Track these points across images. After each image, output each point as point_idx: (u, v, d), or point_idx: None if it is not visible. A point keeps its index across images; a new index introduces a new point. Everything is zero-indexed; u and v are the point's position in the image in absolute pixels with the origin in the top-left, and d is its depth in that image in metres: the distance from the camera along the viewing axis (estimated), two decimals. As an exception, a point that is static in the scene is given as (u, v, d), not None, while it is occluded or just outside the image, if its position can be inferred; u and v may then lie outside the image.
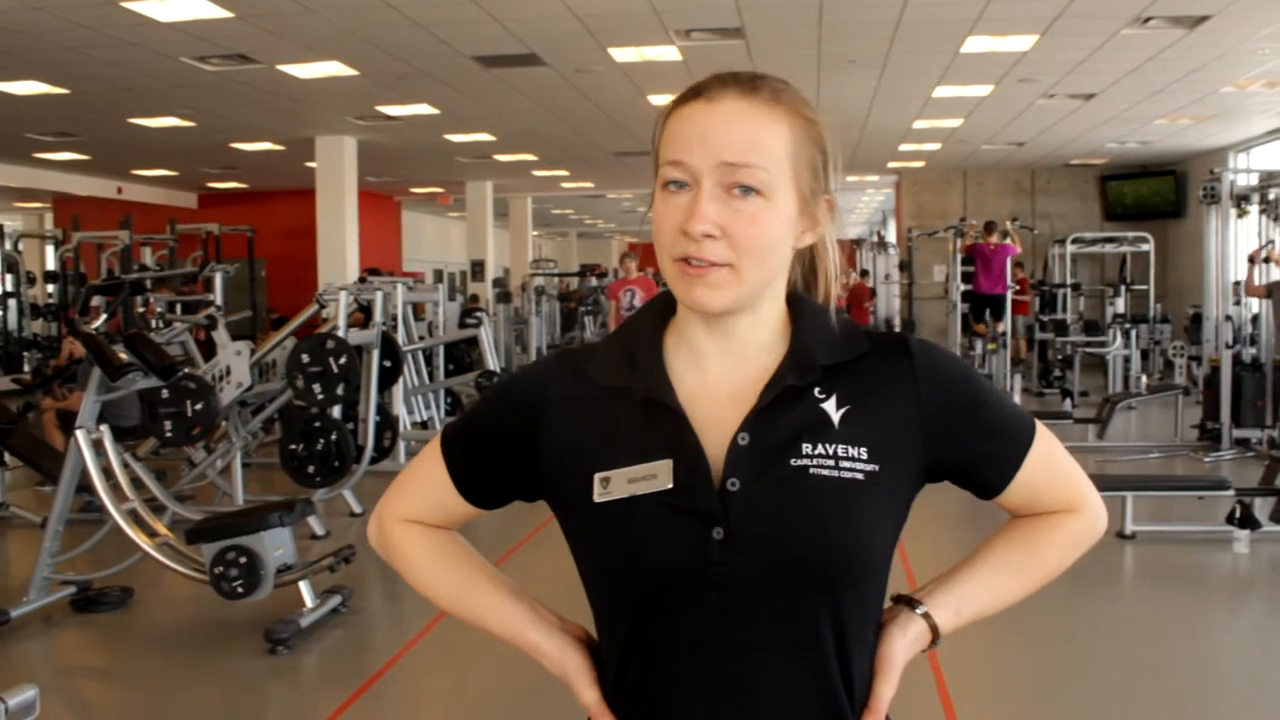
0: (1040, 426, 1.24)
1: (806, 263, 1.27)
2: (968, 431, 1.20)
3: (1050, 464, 1.24)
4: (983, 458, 1.22)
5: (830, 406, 1.15)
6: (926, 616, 1.21)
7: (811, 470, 1.12)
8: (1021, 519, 1.27)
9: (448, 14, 8.24)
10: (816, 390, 1.16)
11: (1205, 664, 4.66)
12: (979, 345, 13.85)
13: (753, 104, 1.13)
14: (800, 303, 1.22)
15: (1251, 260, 9.57)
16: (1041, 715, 4.10)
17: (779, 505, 1.11)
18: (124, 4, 7.68)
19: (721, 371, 1.18)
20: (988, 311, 13.89)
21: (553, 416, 1.21)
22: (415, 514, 1.32)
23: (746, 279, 1.13)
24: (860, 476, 1.12)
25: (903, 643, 1.20)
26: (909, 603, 1.23)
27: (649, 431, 1.15)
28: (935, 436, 1.17)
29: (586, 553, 1.19)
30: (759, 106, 1.13)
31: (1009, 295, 13.68)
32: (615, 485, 1.13)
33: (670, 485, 1.12)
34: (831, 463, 1.12)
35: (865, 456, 1.13)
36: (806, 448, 1.12)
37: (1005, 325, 13.82)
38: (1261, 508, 6.48)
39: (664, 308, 1.24)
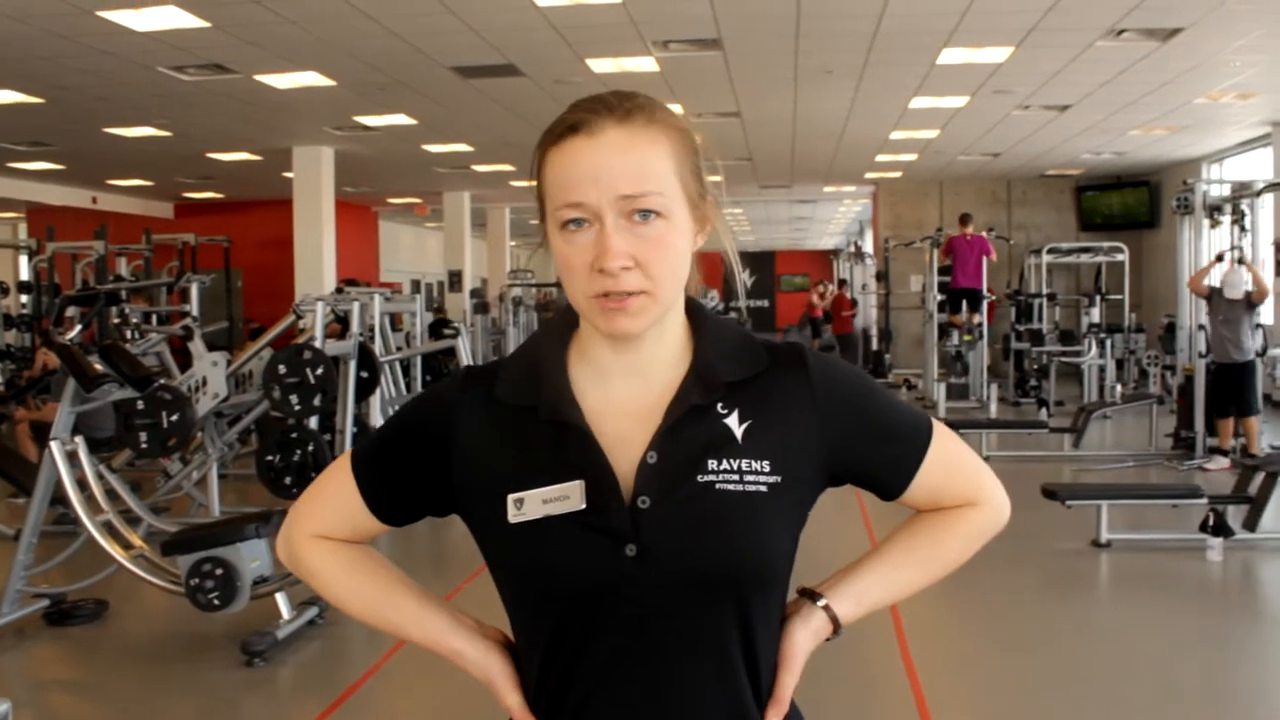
0: (938, 426, 1.30)
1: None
2: (865, 438, 1.25)
3: (949, 462, 1.29)
4: (881, 462, 1.27)
5: (733, 422, 1.19)
6: (827, 608, 1.26)
7: (717, 485, 1.16)
8: (925, 513, 1.33)
9: (426, 24, 8.24)
10: (719, 406, 1.19)
11: (1180, 670, 4.68)
12: (955, 336, 13.96)
13: (632, 130, 1.15)
14: (699, 313, 1.25)
15: (1219, 259, 9.66)
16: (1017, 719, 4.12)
17: (688, 521, 1.14)
18: (100, 13, 7.65)
19: (627, 389, 1.21)
20: (964, 303, 14.01)
21: (463, 436, 1.23)
22: (325, 530, 1.33)
23: (662, 299, 1.16)
24: (764, 489, 1.17)
25: (804, 633, 1.25)
26: (810, 595, 1.28)
27: (559, 452, 1.18)
28: (833, 444, 1.22)
29: (503, 571, 1.22)
30: (638, 131, 1.15)
31: (984, 288, 13.81)
32: (529, 506, 1.16)
33: (583, 506, 1.15)
34: (736, 477, 1.16)
35: (768, 469, 1.17)
36: (712, 464, 1.16)
37: (981, 316, 13.91)
38: (1234, 515, 6.53)
39: (566, 325, 1.26)
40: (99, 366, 5.48)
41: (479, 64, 9.56)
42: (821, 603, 1.26)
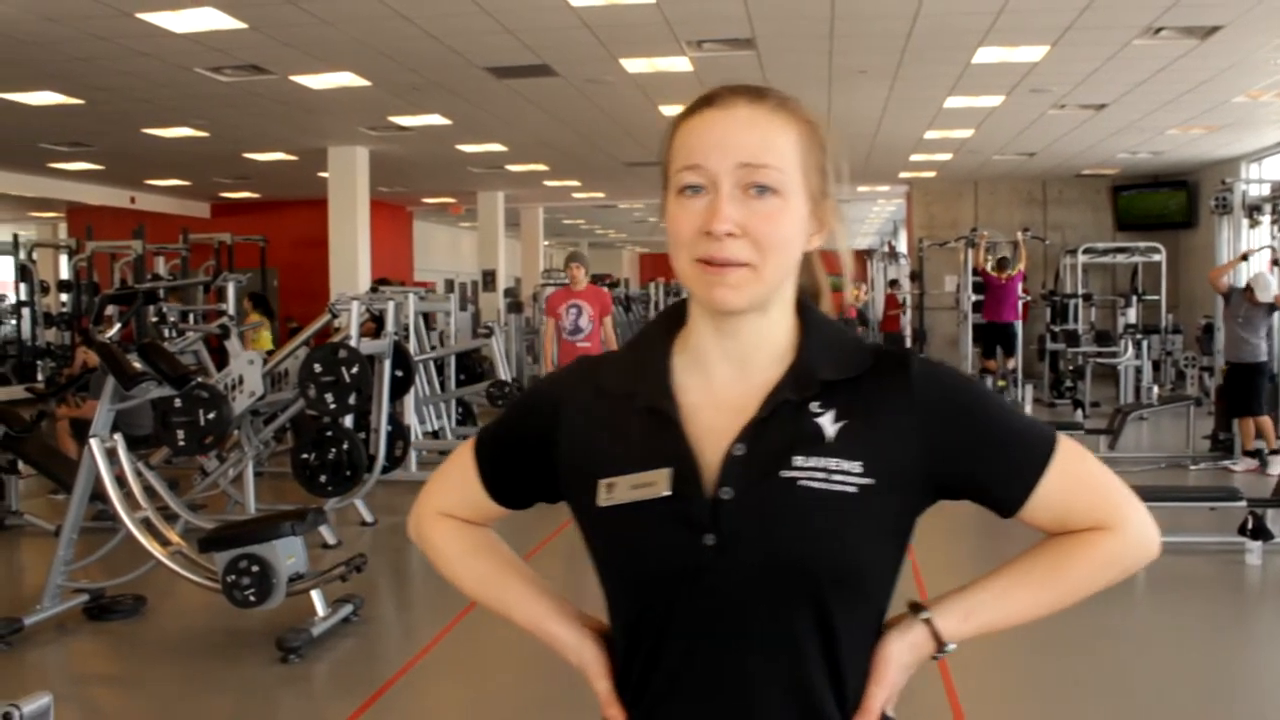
0: (1064, 440, 1.22)
1: (808, 273, 1.29)
2: (972, 446, 1.20)
3: (1077, 479, 1.21)
4: (992, 473, 1.21)
5: (826, 421, 1.17)
6: (928, 622, 1.22)
7: (801, 481, 1.14)
8: (1056, 536, 1.25)
9: (460, 25, 8.27)
10: (814, 405, 1.18)
11: (1217, 674, 4.64)
12: (989, 381, 13.81)
13: (763, 109, 1.18)
14: (809, 313, 1.25)
15: (1244, 258, 9.55)
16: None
17: (768, 514, 1.14)
18: (138, 15, 7.73)
19: (726, 380, 1.21)
20: (999, 349, 13.86)
21: (567, 423, 1.27)
22: (449, 508, 1.39)
23: (765, 277, 1.16)
24: (852, 489, 1.14)
25: (900, 645, 1.21)
26: (915, 609, 1.24)
27: (650, 439, 1.19)
28: (935, 451, 1.18)
29: (595, 553, 1.25)
30: (768, 111, 1.18)
31: (1019, 324, 13.68)
32: (618, 491, 1.18)
33: (668, 492, 1.16)
34: (822, 475, 1.14)
35: (859, 470, 1.15)
36: (798, 460, 1.15)
37: (1016, 361, 13.77)
38: (1274, 519, 6.46)
39: (675, 317, 1.28)
40: (138, 365, 5.53)
41: (513, 64, 9.58)
42: (924, 615, 1.22)
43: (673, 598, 1.16)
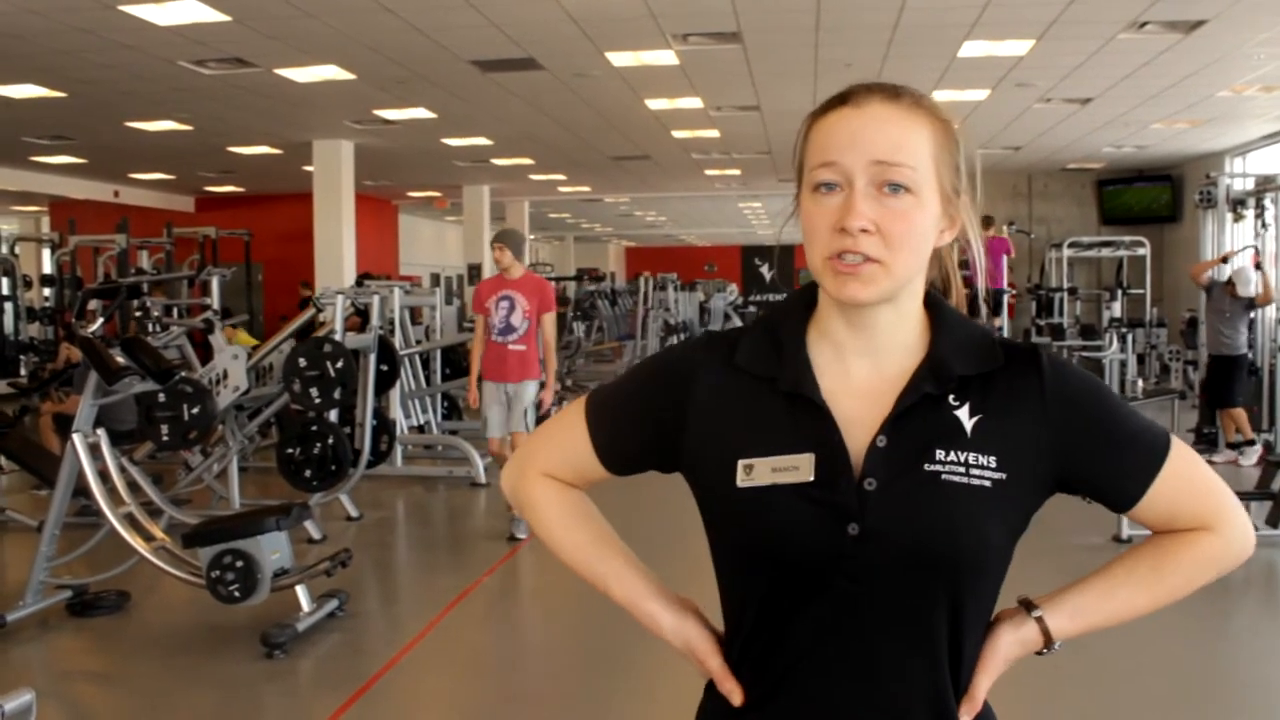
0: (1177, 442, 1.26)
1: (939, 267, 1.32)
2: (1096, 445, 1.22)
3: (1186, 479, 1.25)
4: (1112, 472, 1.24)
5: (963, 415, 1.20)
6: (1040, 620, 1.26)
7: (944, 476, 1.17)
8: (1158, 535, 1.29)
9: (445, 18, 8.25)
10: (951, 398, 1.21)
11: (1201, 666, 4.66)
12: None
13: (898, 108, 1.20)
14: (939, 307, 1.27)
15: (1224, 259, 9.62)
16: (1040, 717, 4.10)
17: (912, 507, 1.16)
18: (121, 7, 7.68)
19: (861, 369, 1.23)
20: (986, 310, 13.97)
21: (701, 398, 1.26)
22: (553, 469, 1.38)
23: (896, 274, 1.18)
24: (988, 484, 1.17)
25: (1010, 638, 1.25)
26: (1028, 606, 1.28)
27: (793, 424, 1.20)
28: (1063, 449, 1.21)
29: (724, 533, 1.25)
30: (903, 110, 1.20)
31: (1005, 290, 13.75)
32: (758, 473, 1.19)
33: (812, 478, 1.17)
34: (962, 469, 1.17)
35: (994, 465, 1.18)
36: (940, 454, 1.18)
37: (1002, 320, 13.85)
38: (1258, 512, 6.49)
39: (808, 300, 1.29)
40: (121, 359, 5.51)
41: (499, 57, 9.56)
42: (1036, 613, 1.26)
43: (807, 582, 1.18)
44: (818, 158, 1.19)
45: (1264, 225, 9.54)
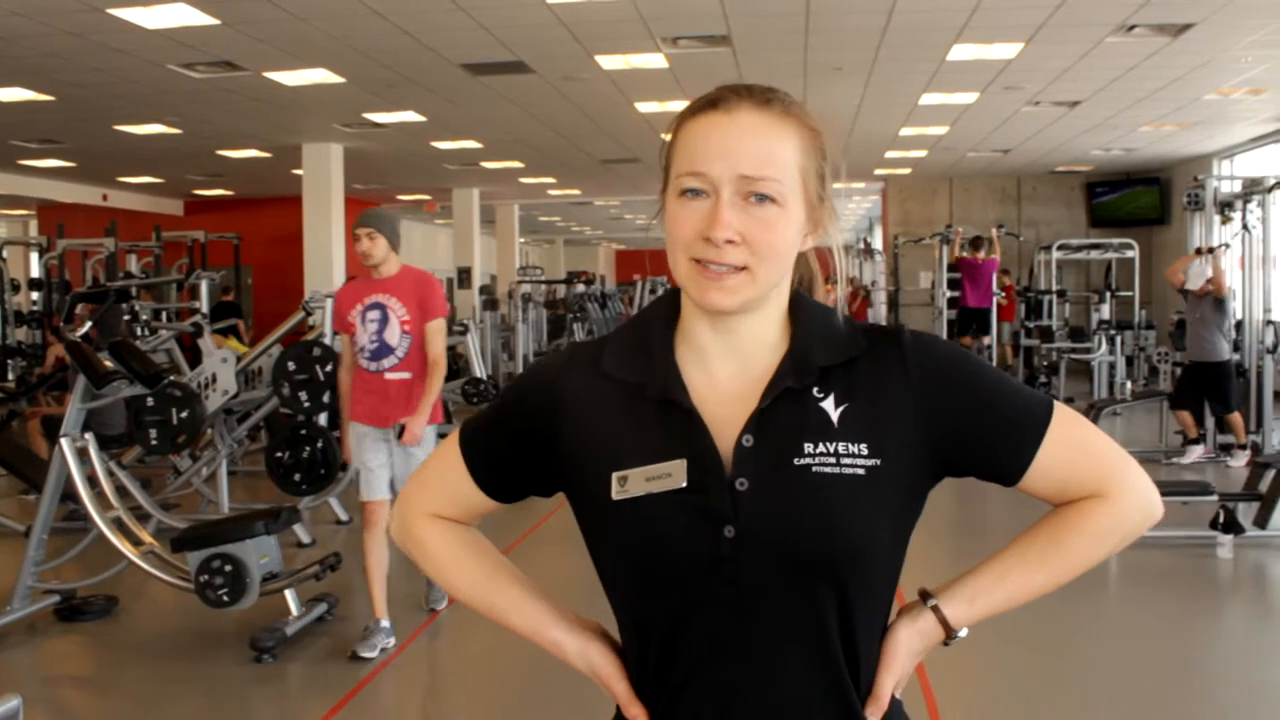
0: (1061, 407, 1.23)
1: (805, 264, 1.31)
2: (969, 417, 1.21)
3: (1074, 445, 1.22)
4: (991, 444, 1.22)
5: (829, 405, 1.18)
6: (936, 609, 1.23)
7: (814, 468, 1.15)
8: (1055, 509, 1.26)
9: (435, 21, 8.24)
10: (815, 390, 1.19)
11: (1190, 668, 4.67)
12: None
13: (767, 117, 1.18)
14: (801, 302, 1.26)
15: (1198, 252, 9.64)
16: (1025, 718, 4.11)
17: (785, 503, 1.14)
18: (110, 10, 7.66)
19: (726, 371, 1.22)
20: (974, 325, 14.02)
21: (570, 413, 1.25)
22: (437, 509, 1.36)
23: (760, 281, 1.17)
24: (861, 472, 1.16)
25: (908, 632, 1.23)
26: (924, 596, 1.26)
27: (664, 430, 1.19)
28: (936, 425, 1.19)
29: (604, 548, 1.23)
30: (773, 119, 1.18)
31: (994, 309, 13.83)
32: (633, 483, 1.17)
33: (684, 484, 1.16)
34: (833, 460, 1.15)
35: (865, 452, 1.16)
36: (808, 447, 1.16)
37: (990, 339, 13.93)
38: (1245, 513, 6.51)
39: (672, 306, 1.27)
40: (109, 363, 5.49)
41: (488, 61, 9.56)
42: (931, 603, 1.24)
43: (690, 590, 1.16)
44: (685, 165, 1.17)
45: (1246, 228, 9.56)
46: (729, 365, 1.22)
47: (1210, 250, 9.21)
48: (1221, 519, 6.21)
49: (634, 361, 1.24)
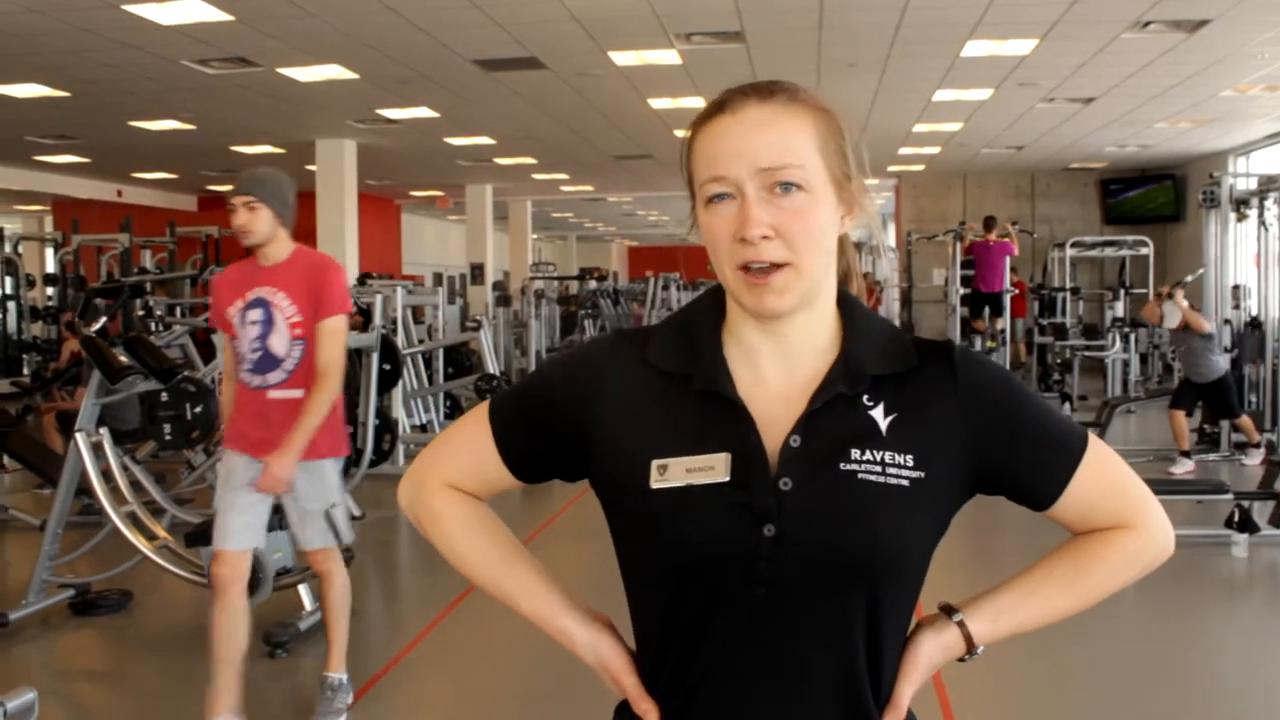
0: (1095, 439, 1.25)
1: (841, 255, 1.30)
2: (1011, 440, 1.22)
3: (1104, 477, 1.24)
4: (1029, 468, 1.23)
5: (878, 414, 1.18)
6: (961, 624, 1.24)
7: (859, 475, 1.15)
8: (1078, 536, 1.28)
9: (448, 17, 8.25)
10: (865, 398, 1.19)
11: (1205, 667, 4.65)
12: (978, 342, 13.88)
13: (774, 108, 1.18)
14: (850, 306, 1.26)
15: (1158, 295, 9.63)
16: (1040, 718, 4.10)
17: (829, 507, 1.14)
18: (124, 7, 7.69)
19: (773, 372, 1.21)
20: (987, 309, 13.96)
21: (610, 399, 1.23)
22: (455, 479, 1.32)
23: (806, 273, 1.16)
24: (905, 483, 1.16)
25: (931, 644, 1.23)
26: (949, 610, 1.26)
27: (708, 423, 1.18)
28: (979, 445, 1.20)
29: (634, 537, 1.22)
30: (780, 109, 1.18)
31: (1007, 293, 13.75)
32: (673, 473, 1.16)
33: (727, 478, 1.15)
34: (878, 469, 1.15)
35: (911, 464, 1.16)
36: (855, 453, 1.16)
37: (1004, 323, 13.84)
38: (1260, 511, 6.48)
39: (718, 302, 1.27)
40: (124, 359, 5.50)
41: (501, 57, 9.56)
42: (957, 618, 1.24)
43: (720, 586, 1.15)
44: (706, 172, 1.17)
45: (1264, 224, 9.52)
46: (777, 365, 1.21)
47: (1169, 294, 9.13)
48: (1236, 517, 6.19)
49: (681, 354, 1.22)
